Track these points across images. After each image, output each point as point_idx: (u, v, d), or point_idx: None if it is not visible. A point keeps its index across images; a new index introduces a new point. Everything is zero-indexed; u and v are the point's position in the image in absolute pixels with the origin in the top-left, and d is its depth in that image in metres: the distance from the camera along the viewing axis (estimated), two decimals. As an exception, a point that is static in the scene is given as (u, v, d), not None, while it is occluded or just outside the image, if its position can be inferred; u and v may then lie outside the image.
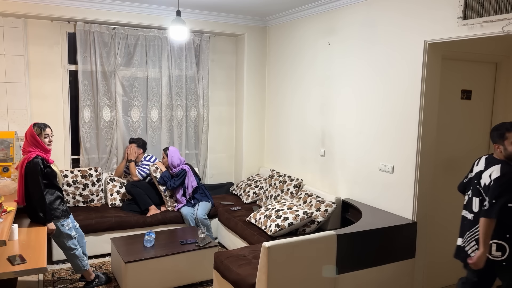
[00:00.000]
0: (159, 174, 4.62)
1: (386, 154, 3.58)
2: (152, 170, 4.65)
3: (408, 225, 3.28)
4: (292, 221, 3.70)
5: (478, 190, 2.68)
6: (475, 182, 2.73)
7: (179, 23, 3.79)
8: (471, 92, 3.67)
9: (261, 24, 5.32)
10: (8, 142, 4.05)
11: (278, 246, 2.71)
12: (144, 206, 4.50)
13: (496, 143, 2.64)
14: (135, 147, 4.76)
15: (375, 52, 3.65)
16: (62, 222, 3.36)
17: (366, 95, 3.78)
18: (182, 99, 5.23)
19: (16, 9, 4.14)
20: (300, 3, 4.35)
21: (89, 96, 4.76)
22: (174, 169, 4.66)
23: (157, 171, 4.64)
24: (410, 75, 3.32)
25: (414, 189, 3.33)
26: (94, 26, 4.63)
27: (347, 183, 4.06)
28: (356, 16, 3.85)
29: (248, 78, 5.36)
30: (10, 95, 4.37)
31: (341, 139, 4.11)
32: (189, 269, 3.68)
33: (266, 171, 5.27)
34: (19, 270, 2.51)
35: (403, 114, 3.40)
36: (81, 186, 4.57)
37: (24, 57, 4.39)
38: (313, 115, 4.54)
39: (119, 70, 4.83)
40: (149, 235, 3.75)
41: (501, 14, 2.65)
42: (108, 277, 3.76)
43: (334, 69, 4.18)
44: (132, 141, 4.82)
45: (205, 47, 5.30)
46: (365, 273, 3.10)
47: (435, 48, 3.21)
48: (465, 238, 2.76)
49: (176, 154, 4.72)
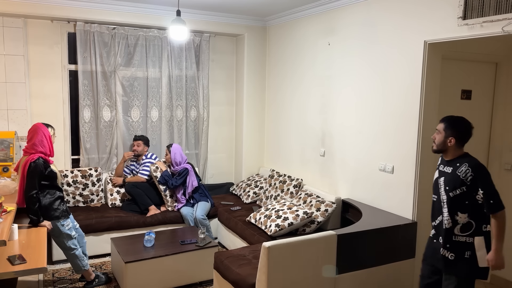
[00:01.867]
0: (159, 174, 4.62)
1: (386, 154, 3.58)
2: (152, 170, 4.65)
3: (408, 225, 3.28)
4: (292, 221, 3.70)
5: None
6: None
7: (179, 23, 3.79)
8: (471, 92, 3.67)
9: (261, 24, 5.32)
10: (8, 142, 4.06)
11: (278, 246, 2.71)
12: (144, 206, 4.50)
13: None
14: (142, 144, 4.79)
15: (375, 52, 3.65)
16: (62, 222, 3.36)
17: (366, 95, 3.78)
18: (182, 99, 5.23)
19: (16, 9, 4.14)
20: (300, 3, 4.35)
21: (89, 96, 4.76)
22: (176, 166, 4.66)
23: (157, 170, 4.64)
24: (410, 75, 3.32)
25: (414, 189, 3.33)
26: (94, 26, 4.63)
27: (347, 183, 4.06)
28: (356, 16, 3.85)
29: (248, 78, 5.36)
30: (10, 95, 4.37)
31: (341, 139, 4.11)
32: (189, 269, 3.68)
33: (266, 171, 5.27)
34: (19, 270, 2.51)
35: (403, 114, 3.40)
36: (81, 186, 4.57)
37: (24, 57, 4.39)
38: (313, 115, 4.54)
39: (119, 70, 4.83)
40: (149, 235, 3.75)
41: (501, 14, 2.65)
42: (108, 277, 3.76)
43: (334, 69, 4.18)
44: (138, 138, 4.82)
45: (205, 47, 5.31)
46: (365, 273, 3.10)
47: (435, 48, 3.21)
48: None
49: (178, 151, 4.73)
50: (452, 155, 2.55)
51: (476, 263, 2.44)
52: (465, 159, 2.49)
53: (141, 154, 4.82)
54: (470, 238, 2.45)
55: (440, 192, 2.57)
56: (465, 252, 2.46)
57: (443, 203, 2.54)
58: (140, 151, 4.79)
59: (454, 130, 2.52)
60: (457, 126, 2.53)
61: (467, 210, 2.44)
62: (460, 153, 2.54)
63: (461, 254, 2.47)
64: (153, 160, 4.83)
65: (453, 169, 2.50)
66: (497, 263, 2.41)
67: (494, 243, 2.40)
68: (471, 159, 2.48)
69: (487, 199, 2.37)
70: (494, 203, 2.36)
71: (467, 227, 2.45)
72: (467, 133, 2.53)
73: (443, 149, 2.57)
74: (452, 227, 2.49)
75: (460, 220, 2.46)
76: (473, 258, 2.44)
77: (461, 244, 2.47)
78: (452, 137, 2.51)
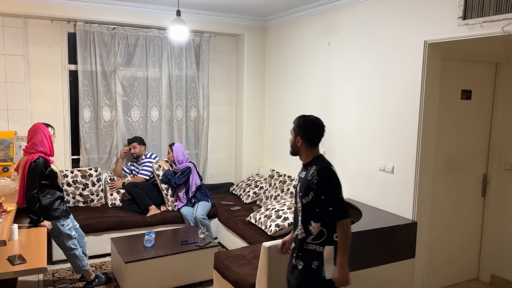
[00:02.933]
0: (162, 173, 4.62)
1: (386, 154, 3.58)
2: (155, 168, 4.65)
3: (408, 225, 3.28)
4: (292, 221, 3.70)
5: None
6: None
7: (179, 23, 3.79)
8: (471, 92, 3.67)
9: (261, 24, 5.32)
10: (8, 142, 4.05)
11: (278, 246, 2.71)
12: (144, 206, 4.50)
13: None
14: (138, 145, 4.79)
15: (375, 52, 3.65)
16: (62, 222, 3.36)
17: (366, 95, 3.78)
18: (182, 99, 5.23)
19: (16, 9, 4.14)
20: (300, 3, 4.35)
21: (89, 96, 4.76)
22: (178, 165, 4.66)
23: (159, 169, 4.64)
24: (410, 75, 3.32)
25: (414, 189, 3.33)
26: (94, 26, 4.63)
27: (347, 183, 4.05)
28: (356, 16, 3.85)
29: (248, 78, 5.36)
30: (10, 95, 4.37)
31: (341, 139, 4.11)
32: (189, 269, 3.68)
33: (266, 171, 5.27)
34: (19, 270, 2.51)
35: (403, 114, 3.40)
36: (81, 186, 4.57)
37: (24, 57, 4.39)
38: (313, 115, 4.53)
39: (119, 70, 4.83)
40: (149, 235, 3.75)
41: (501, 14, 2.65)
42: (108, 277, 3.76)
43: (334, 69, 4.17)
44: (132, 141, 4.82)
45: (205, 47, 5.30)
46: (365, 273, 3.10)
47: (435, 48, 3.20)
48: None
49: (181, 149, 4.73)
50: (305, 157, 2.31)
51: (321, 274, 2.18)
52: (315, 161, 2.26)
53: (140, 155, 4.82)
54: (321, 247, 2.20)
55: (297, 199, 2.34)
56: (313, 262, 2.20)
57: (299, 212, 2.30)
58: (138, 152, 4.79)
59: (300, 129, 2.29)
60: (302, 124, 2.29)
61: (319, 219, 2.20)
62: (313, 155, 2.30)
63: (309, 263, 2.21)
64: (153, 160, 4.83)
65: (305, 173, 2.27)
66: (340, 278, 2.15)
67: (338, 256, 2.17)
68: (320, 162, 2.25)
69: (326, 205, 2.15)
70: (333, 210, 2.13)
71: (319, 236, 2.21)
72: (313, 132, 2.28)
73: (295, 150, 2.34)
74: (305, 238, 2.24)
75: (313, 230, 2.22)
76: (320, 269, 2.18)
77: (311, 253, 2.22)
78: (299, 136, 2.29)
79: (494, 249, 3.86)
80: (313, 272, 2.20)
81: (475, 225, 3.89)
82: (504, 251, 3.79)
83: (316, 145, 2.31)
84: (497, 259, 3.84)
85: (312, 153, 2.30)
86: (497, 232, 3.84)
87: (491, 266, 3.89)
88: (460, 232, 3.79)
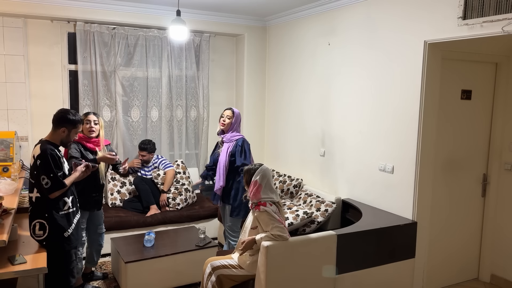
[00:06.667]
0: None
1: (386, 154, 3.58)
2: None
3: (408, 225, 3.28)
4: (292, 221, 3.70)
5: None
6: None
7: (179, 23, 3.79)
8: (471, 92, 3.67)
9: (261, 24, 5.32)
10: (8, 142, 4.05)
11: (278, 245, 2.71)
12: (147, 203, 4.49)
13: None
14: (147, 154, 4.66)
15: (375, 52, 3.65)
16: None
17: (366, 95, 3.78)
18: (182, 99, 5.23)
19: (16, 9, 4.15)
20: (300, 3, 4.35)
21: (89, 96, 4.76)
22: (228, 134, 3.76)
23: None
24: (410, 75, 3.32)
25: (414, 189, 3.33)
26: (94, 26, 4.63)
27: (347, 183, 4.06)
28: (356, 16, 3.85)
29: (248, 78, 5.36)
30: (10, 95, 4.37)
31: (341, 139, 4.11)
32: (189, 269, 3.68)
33: (266, 171, 5.26)
34: (19, 270, 2.51)
35: (403, 114, 3.40)
36: (81, 186, 4.56)
37: (24, 57, 4.39)
38: (313, 115, 4.54)
39: (119, 70, 4.83)
40: (149, 235, 3.75)
41: (501, 14, 2.65)
42: (104, 275, 3.80)
43: (334, 68, 4.18)
44: (143, 149, 4.64)
45: (205, 47, 5.31)
46: (365, 273, 3.10)
47: (435, 48, 3.21)
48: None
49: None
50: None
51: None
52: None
53: (149, 160, 4.75)
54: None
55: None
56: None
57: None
58: (146, 159, 4.71)
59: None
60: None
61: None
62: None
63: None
64: (165, 159, 4.79)
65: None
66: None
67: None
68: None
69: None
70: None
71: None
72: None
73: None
74: None
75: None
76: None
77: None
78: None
79: (494, 249, 3.86)
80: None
81: (475, 225, 3.89)
82: (504, 251, 3.79)
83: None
84: (497, 259, 3.84)
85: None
86: (497, 232, 3.84)
87: (491, 266, 3.89)
88: (460, 232, 3.79)
